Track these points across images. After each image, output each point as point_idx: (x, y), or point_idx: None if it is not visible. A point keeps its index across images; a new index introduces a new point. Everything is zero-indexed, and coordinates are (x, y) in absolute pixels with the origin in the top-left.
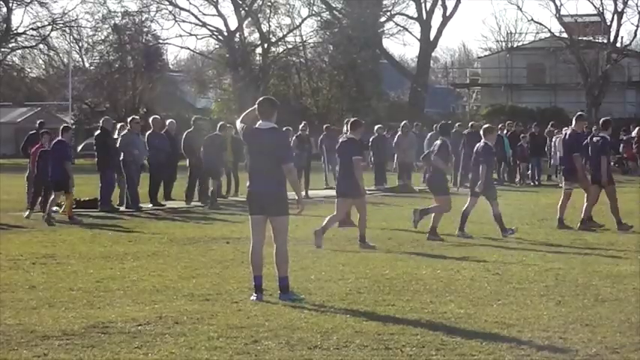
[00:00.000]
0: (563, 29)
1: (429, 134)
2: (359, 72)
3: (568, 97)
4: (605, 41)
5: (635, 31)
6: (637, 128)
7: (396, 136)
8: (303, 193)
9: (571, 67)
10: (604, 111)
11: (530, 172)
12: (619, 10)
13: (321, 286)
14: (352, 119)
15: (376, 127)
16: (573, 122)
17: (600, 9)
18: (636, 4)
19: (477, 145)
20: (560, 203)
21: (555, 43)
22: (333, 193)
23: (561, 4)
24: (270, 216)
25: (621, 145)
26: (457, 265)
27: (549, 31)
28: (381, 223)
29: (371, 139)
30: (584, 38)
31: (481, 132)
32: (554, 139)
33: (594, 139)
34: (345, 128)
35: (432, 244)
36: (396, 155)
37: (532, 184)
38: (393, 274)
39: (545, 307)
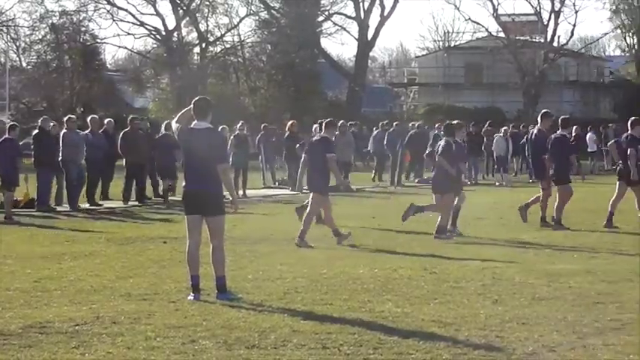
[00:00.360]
0: (500, 28)
1: (432, 134)
2: (297, 71)
3: (505, 96)
4: (542, 40)
5: (572, 30)
6: (574, 127)
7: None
8: (241, 192)
9: (508, 66)
10: (541, 110)
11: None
12: (556, 9)
13: (259, 285)
14: (327, 119)
15: (314, 126)
16: (539, 121)
17: (537, 8)
18: (573, 4)
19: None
20: (540, 203)
21: (493, 43)
22: (270, 192)
23: (499, 4)
24: (206, 216)
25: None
26: (394, 264)
27: (487, 30)
28: (318, 222)
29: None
30: (522, 38)
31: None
32: (496, 138)
33: (553, 137)
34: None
35: (370, 242)
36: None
37: (469, 182)
38: (331, 273)
39: (482, 306)
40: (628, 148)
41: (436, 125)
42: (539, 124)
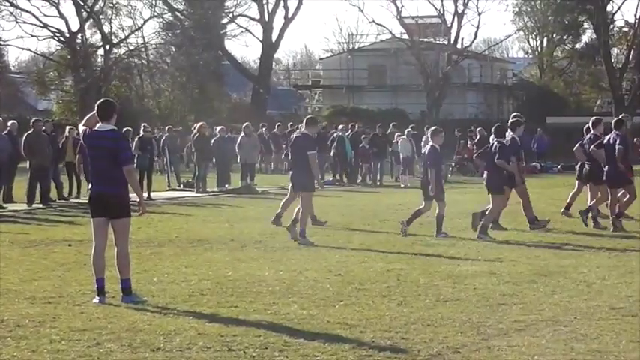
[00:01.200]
0: (404, 31)
1: (423, 137)
2: (201, 73)
3: (409, 98)
4: (446, 42)
5: (476, 32)
6: (478, 129)
7: (239, 138)
8: (145, 194)
9: (412, 68)
10: (445, 112)
11: (372, 172)
12: (459, 11)
13: (164, 287)
14: (308, 117)
15: (218, 128)
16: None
17: (441, 10)
18: (476, 6)
19: (425, 148)
20: (522, 207)
21: (396, 45)
22: (175, 195)
23: (402, 6)
24: (111, 218)
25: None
26: (300, 267)
27: (390, 32)
28: (224, 225)
29: (213, 140)
30: (425, 40)
31: (428, 135)
32: (398, 140)
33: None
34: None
35: (275, 246)
36: (239, 157)
37: (373, 184)
38: (236, 275)
39: (387, 308)
40: (596, 147)
41: (339, 127)
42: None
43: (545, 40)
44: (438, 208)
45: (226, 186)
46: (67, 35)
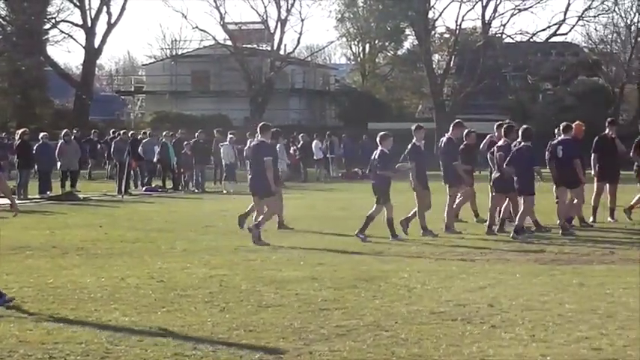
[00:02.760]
0: (227, 37)
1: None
2: (23, 79)
3: (232, 104)
4: (269, 49)
5: (299, 38)
6: (301, 135)
7: (59, 144)
8: None
9: (235, 74)
10: (268, 118)
11: (195, 179)
12: (282, 17)
13: None
14: (262, 123)
15: (41, 134)
16: (450, 129)
17: (264, 17)
18: (299, 12)
19: (374, 153)
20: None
21: (220, 51)
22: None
23: (226, 12)
24: None
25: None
26: (122, 274)
27: (214, 38)
28: (45, 232)
29: (35, 147)
30: (249, 46)
31: (377, 139)
32: (221, 145)
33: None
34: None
35: (98, 253)
36: (59, 163)
37: (196, 190)
38: (58, 282)
39: (209, 314)
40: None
41: (163, 133)
42: (449, 133)
43: (367, 46)
44: (385, 210)
45: (48, 193)
46: None
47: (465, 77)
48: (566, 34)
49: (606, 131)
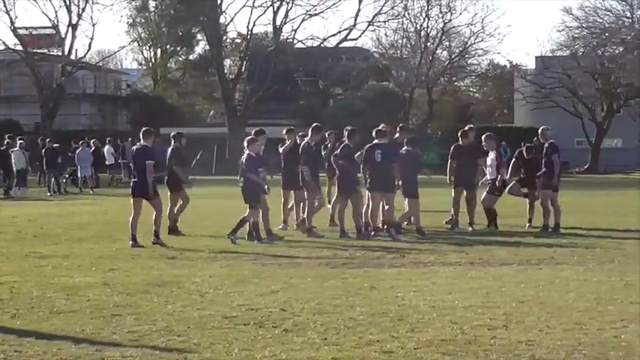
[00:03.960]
0: (17, 41)
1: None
2: None
3: (23, 109)
4: (60, 54)
5: (90, 43)
6: (93, 140)
7: None
8: None
9: (26, 79)
10: (59, 123)
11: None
12: (73, 22)
13: None
14: (144, 129)
15: None
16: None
17: (55, 22)
18: (90, 17)
19: (242, 157)
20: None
21: (10, 56)
22: None
23: (16, 17)
24: None
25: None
26: None
27: (4, 43)
28: None
29: None
30: (39, 51)
31: (245, 143)
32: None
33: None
34: None
35: None
36: None
37: (49, 194)
38: None
39: (0, 321)
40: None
41: None
42: (308, 137)
43: (159, 51)
44: (252, 214)
45: None
46: None
47: (257, 82)
48: (356, 39)
49: (459, 141)
